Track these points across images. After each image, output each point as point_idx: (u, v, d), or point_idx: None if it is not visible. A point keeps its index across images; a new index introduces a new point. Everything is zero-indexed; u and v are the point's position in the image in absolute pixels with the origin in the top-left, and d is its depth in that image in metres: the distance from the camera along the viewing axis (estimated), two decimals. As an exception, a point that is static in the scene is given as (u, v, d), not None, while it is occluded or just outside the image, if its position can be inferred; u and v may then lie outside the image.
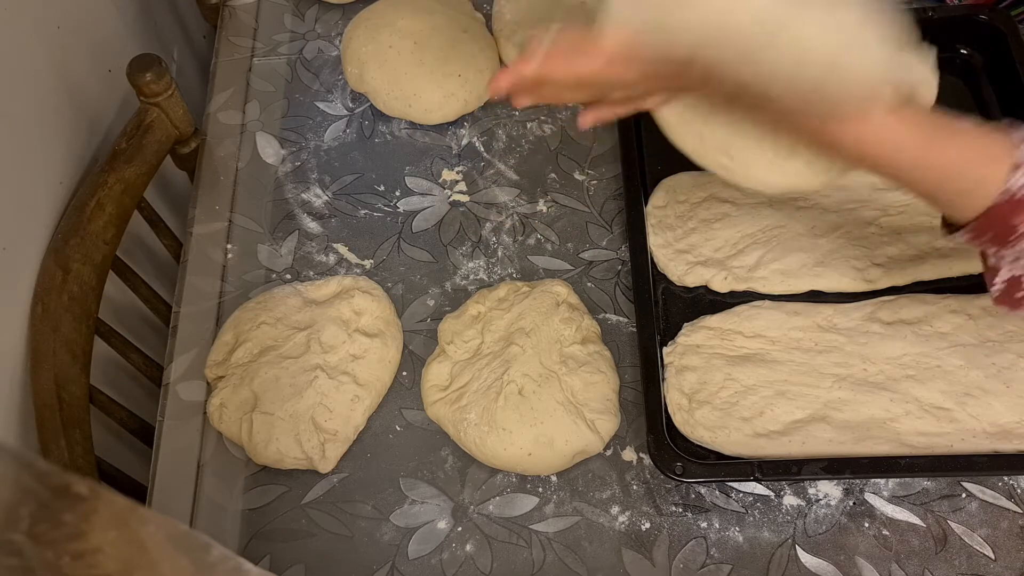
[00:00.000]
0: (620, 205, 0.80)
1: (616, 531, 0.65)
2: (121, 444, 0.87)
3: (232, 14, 0.96)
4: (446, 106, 0.83)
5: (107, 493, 0.34)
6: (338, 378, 0.69)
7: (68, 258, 0.74)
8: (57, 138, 0.78)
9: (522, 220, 0.80)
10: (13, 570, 0.32)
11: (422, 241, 0.79)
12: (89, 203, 0.76)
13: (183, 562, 0.35)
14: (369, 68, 0.83)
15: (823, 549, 0.64)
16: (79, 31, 0.83)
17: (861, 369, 0.68)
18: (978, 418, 0.65)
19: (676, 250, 0.75)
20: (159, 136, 0.82)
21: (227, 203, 0.82)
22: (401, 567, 0.64)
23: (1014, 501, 0.65)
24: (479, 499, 0.67)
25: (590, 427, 0.66)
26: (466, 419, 0.66)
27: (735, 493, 0.66)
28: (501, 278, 0.77)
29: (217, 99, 0.89)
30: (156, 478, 0.69)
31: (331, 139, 0.86)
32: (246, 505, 0.67)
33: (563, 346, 0.69)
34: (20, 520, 0.32)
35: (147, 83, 0.80)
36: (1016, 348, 0.68)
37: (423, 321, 0.75)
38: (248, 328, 0.72)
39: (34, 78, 0.75)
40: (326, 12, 0.95)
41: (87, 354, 0.74)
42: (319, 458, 0.67)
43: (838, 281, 0.72)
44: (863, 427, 0.65)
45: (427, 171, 0.84)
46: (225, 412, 0.68)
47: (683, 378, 0.68)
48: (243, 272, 0.78)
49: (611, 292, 0.76)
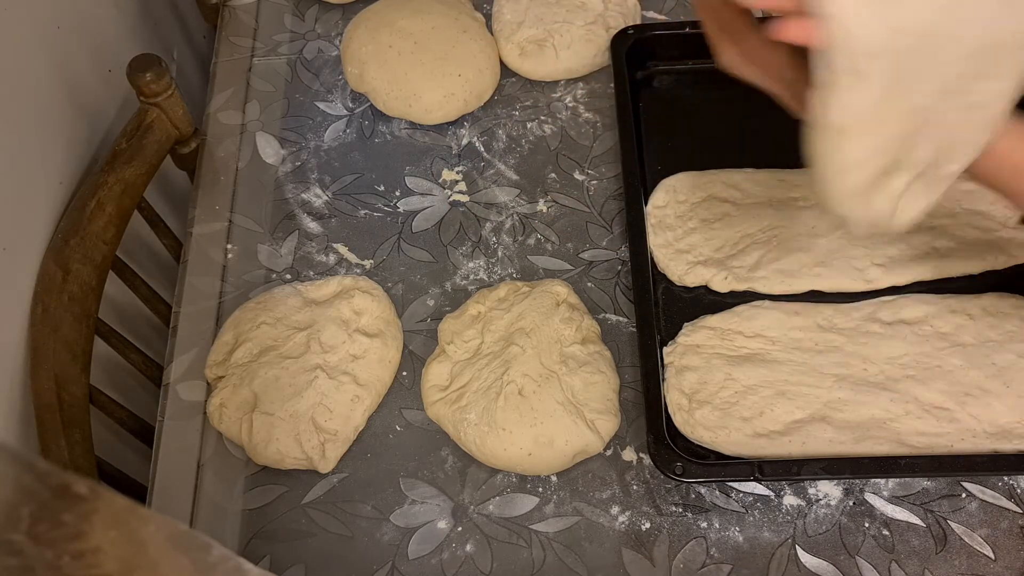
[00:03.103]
0: (620, 205, 0.80)
1: (616, 531, 0.65)
2: (121, 444, 0.87)
3: (232, 14, 0.96)
4: (446, 106, 0.83)
5: (107, 493, 0.34)
6: (338, 378, 0.69)
7: (68, 258, 0.74)
8: (57, 138, 0.78)
9: (522, 220, 0.80)
10: (13, 570, 0.32)
11: (422, 241, 0.79)
12: (89, 203, 0.76)
13: (183, 562, 0.35)
14: (369, 68, 0.83)
15: (823, 549, 0.64)
16: (79, 31, 0.83)
17: (861, 369, 0.68)
18: (978, 418, 0.65)
19: (676, 250, 0.75)
20: (159, 136, 0.82)
21: (227, 203, 0.82)
22: (401, 567, 0.64)
23: (1014, 501, 0.65)
24: (479, 499, 0.67)
25: (590, 427, 0.66)
26: (466, 419, 0.66)
27: (735, 493, 0.66)
28: (501, 278, 0.77)
29: (217, 99, 0.90)
30: (156, 478, 0.69)
31: (331, 139, 0.86)
32: (246, 505, 0.67)
33: (563, 346, 0.69)
34: (20, 520, 0.32)
35: (147, 83, 0.80)
36: (1016, 348, 0.68)
37: (423, 321, 0.75)
38: (248, 328, 0.72)
39: (34, 78, 0.75)
40: (326, 12, 0.95)
41: (87, 354, 0.74)
42: (319, 458, 0.67)
43: (838, 281, 0.72)
44: (863, 427, 0.65)
45: (427, 171, 0.84)
46: (225, 412, 0.68)
47: (683, 378, 0.68)
48: (243, 272, 0.78)
49: (611, 292, 0.76)
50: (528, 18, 0.88)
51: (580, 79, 0.88)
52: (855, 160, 0.50)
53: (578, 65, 0.87)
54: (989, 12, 0.46)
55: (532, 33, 0.87)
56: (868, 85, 0.46)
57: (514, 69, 0.88)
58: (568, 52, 0.86)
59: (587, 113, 0.86)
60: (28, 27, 0.74)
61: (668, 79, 0.87)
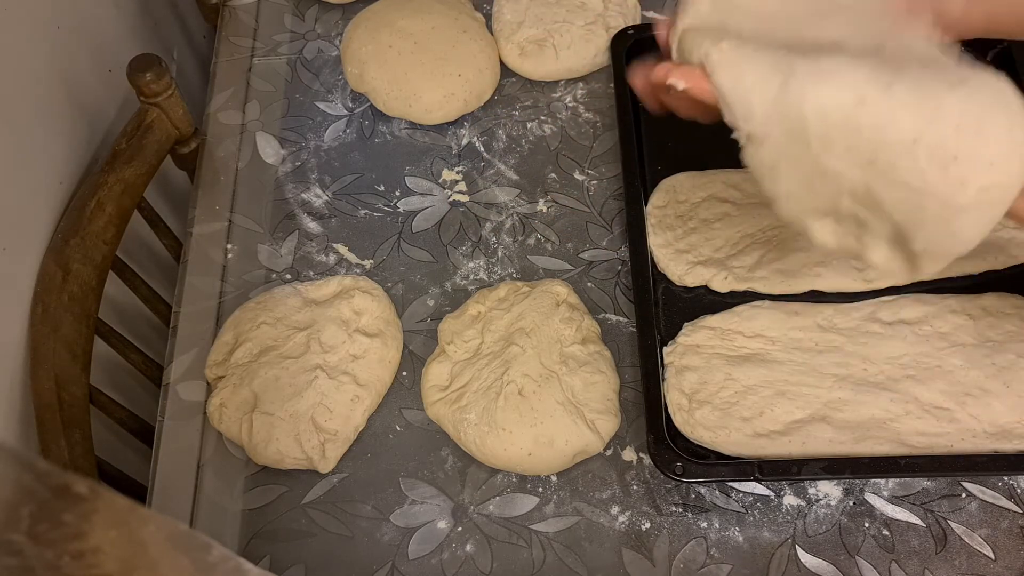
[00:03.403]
0: (620, 205, 0.80)
1: (616, 531, 0.65)
2: (121, 444, 0.87)
3: (232, 14, 0.96)
4: (446, 106, 0.83)
5: (107, 493, 0.34)
6: (338, 378, 0.69)
7: (68, 258, 0.74)
8: (57, 138, 0.78)
9: (522, 220, 0.80)
10: (13, 570, 0.32)
11: (422, 241, 0.79)
12: (89, 203, 0.76)
13: (183, 562, 0.35)
14: (369, 68, 0.83)
15: (823, 549, 0.64)
16: (79, 31, 0.83)
17: (861, 369, 0.68)
18: (978, 418, 0.65)
19: (676, 250, 0.75)
20: (159, 136, 0.82)
21: (227, 203, 0.83)
22: (401, 567, 0.64)
23: (1014, 501, 0.65)
24: (479, 499, 0.67)
25: (590, 427, 0.66)
26: (466, 419, 0.66)
27: (735, 493, 0.66)
28: (501, 278, 0.77)
29: (217, 99, 0.90)
30: (156, 478, 0.69)
31: (331, 139, 0.86)
32: (246, 505, 0.67)
33: (563, 346, 0.69)
34: (20, 520, 0.32)
35: (147, 83, 0.80)
36: (1016, 348, 0.68)
37: (423, 321, 0.75)
38: (248, 328, 0.72)
39: (34, 78, 0.75)
40: (326, 12, 0.95)
41: (87, 354, 0.74)
42: (319, 458, 0.67)
43: (838, 281, 0.72)
44: (863, 427, 0.65)
45: (427, 171, 0.84)
46: (225, 412, 0.68)
47: (683, 378, 0.68)
48: (243, 272, 0.78)
49: (611, 292, 0.76)
50: (528, 18, 0.88)
51: (580, 79, 0.88)
52: (782, 194, 0.52)
53: (578, 65, 0.87)
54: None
55: (532, 33, 0.87)
56: (765, 147, 0.50)
57: (514, 69, 0.88)
58: (568, 52, 0.86)
59: (587, 113, 0.86)
60: (28, 27, 0.74)
61: (668, 79, 0.87)
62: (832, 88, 0.46)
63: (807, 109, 0.47)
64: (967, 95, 0.45)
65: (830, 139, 0.47)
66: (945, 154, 0.44)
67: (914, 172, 0.45)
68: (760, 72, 0.49)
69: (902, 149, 0.45)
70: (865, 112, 0.45)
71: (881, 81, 0.45)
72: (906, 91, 0.45)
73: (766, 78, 0.48)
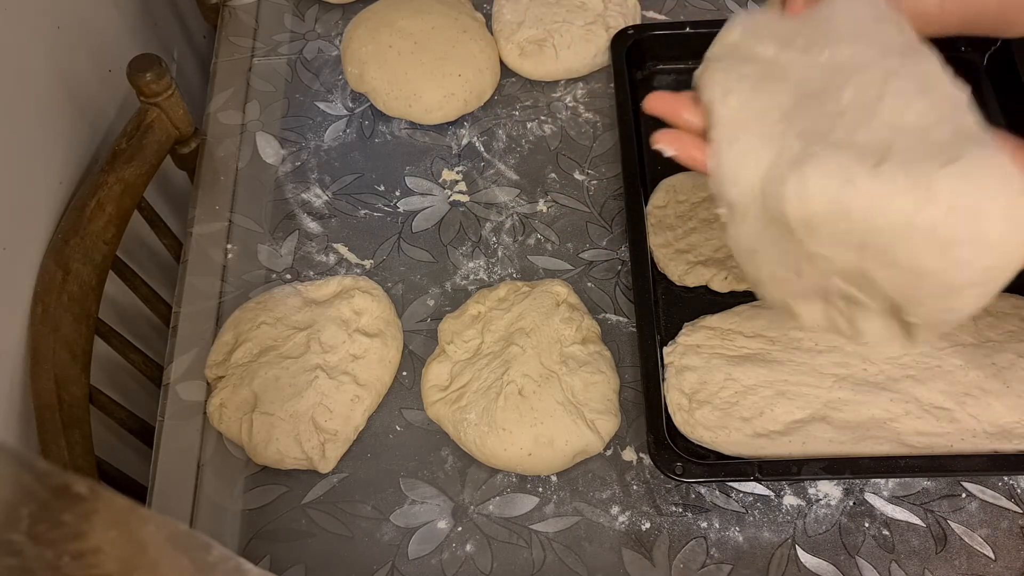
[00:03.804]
0: (620, 205, 0.80)
1: (616, 531, 0.65)
2: (121, 444, 0.87)
3: (232, 14, 0.96)
4: (446, 106, 0.83)
5: (107, 493, 0.34)
6: (338, 378, 0.69)
7: (68, 258, 0.74)
8: (57, 138, 0.78)
9: (522, 220, 0.80)
10: (13, 570, 0.32)
11: (422, 241, 0.79)
12: (89, 203, 0.76)
13: (183, 562, 0.35)
14: (369, 68, 0.84)
15: (823, 549, 0.64)
16: (79, 31, 0.83)
17: (861, 369, 0.68)
18: (978, 418, 0.65)
19: (676, 250, 0.75)
20: (159, 136, 0.82)
21: (227, 203, 0.83)
22: (401, 567, 0.64)
23: (1014, 501, 0.65)
24: (479, 499, 0.67)
25: (590, 427, 0.66)
26: (466, 419, 0.66)
27: (735, 493, 0.66)
28: (501, 278, 0.77)
29: (217, 99, 0.90)
30: (156, 478, 0.69)
31: (331, 139, 0.86)
32: (246, 505, 0.67)
33: (563, 346, 0.69)
34: (20, 520, 0.32)
35: (147, 83, 0.80)
36: (1016, 348, 0.68)
37: (423, 321, 0.75)
38: (248, 328, 0.72)
39: (34, 78, 0.75)
40: (326, 12, 0.95)
41: (87, 354, 0.74)
42: (319, 458, 0.67)
43: (838, 281, 0.72)
44: (863, 427, 0.65)
45: (427, 171, 0.84)
46: (225, 412, 0.68)
47: (683, 378, 0.68)
48: (243, 272, 0.78)
49: (611, 292, 0.76)
50: (528, 18, 0.88)
51: (580, 79, 0.88)
52: (764, 278, 0.52)
53: (578, 65, 0.87)
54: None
55: (532, 33, 0.87)
56: (745, 225, 0.50)
57: (514, 69, 0.88)
58: (568, 52, 0.86)
59: (587, 113, 0.86)
60: (28, 27, 0.74)
61: (668, 79, 0.87)
62: (819, 175, 0.45)
63: (788, 193, 0.46)
64: (961, 174, 0.43)
65: (813, 225, 0.46)
66: (943, 237, 0.43)
67: (910, 255, 0.44)
68: (752, 146, 0.48)
69: (896, 233, 0.44)
70: (855, 195, 0.44)
71: (867, 165, 0.44)
72: (894, 173, 0.44)
73: (758, 155, 0.48)
